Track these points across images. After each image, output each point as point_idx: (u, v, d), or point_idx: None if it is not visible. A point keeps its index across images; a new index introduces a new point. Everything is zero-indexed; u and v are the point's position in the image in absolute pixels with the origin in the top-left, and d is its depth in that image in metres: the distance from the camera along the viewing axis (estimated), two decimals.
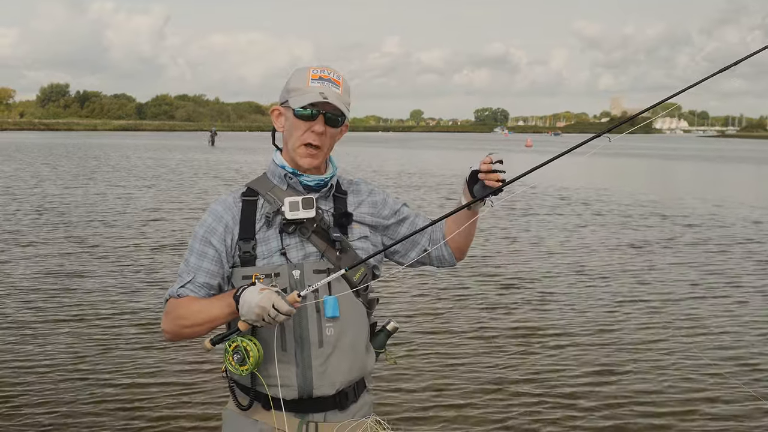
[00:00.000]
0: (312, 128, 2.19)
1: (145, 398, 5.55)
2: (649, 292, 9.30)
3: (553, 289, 9.40)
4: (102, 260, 10.58)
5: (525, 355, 6.71)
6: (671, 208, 18.89)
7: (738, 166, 46.09)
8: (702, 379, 6.15)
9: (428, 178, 28.56)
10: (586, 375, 6.20)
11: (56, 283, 9.08)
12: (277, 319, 1.99)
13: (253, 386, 2.22)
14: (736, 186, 30.15)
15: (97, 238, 12.58)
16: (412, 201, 18.94)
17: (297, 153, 2.23)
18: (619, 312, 8.24)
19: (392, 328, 2.42)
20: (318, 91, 2.16)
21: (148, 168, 31.46)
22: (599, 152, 2.32)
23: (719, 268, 10.91)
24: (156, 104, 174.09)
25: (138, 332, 7.13)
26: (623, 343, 7.08)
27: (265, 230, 2.22)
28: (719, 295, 9.20)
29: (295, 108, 2.19)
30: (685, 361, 6.59)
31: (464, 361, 6.52)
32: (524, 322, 7.81)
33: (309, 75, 2.20)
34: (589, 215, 17.23)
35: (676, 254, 12.11)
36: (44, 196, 19.11)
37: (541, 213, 17.22)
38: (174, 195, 20.20)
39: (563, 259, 11.51)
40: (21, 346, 6.64)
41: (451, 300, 8.72)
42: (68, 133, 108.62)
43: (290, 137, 2.25)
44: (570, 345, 6.99)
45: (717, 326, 7.74)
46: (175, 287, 2.25)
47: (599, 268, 10.72)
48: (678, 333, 7.46)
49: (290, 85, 2.23)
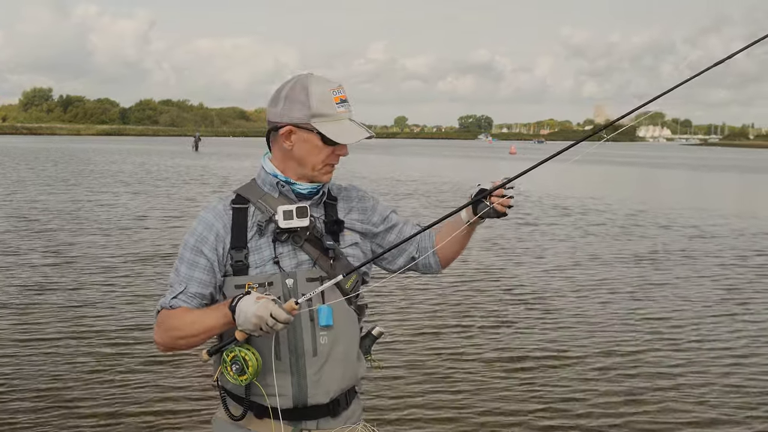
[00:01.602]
0: (338, 152, 2.22)
1: (132, 408, 5.53)
2: (657, 308, 9.17)
3: (544, 295, 9.45)
4: (83, 269, 10.52)
5: (514, 359, 6.74)
6: (670, 218, 18.64)
7: (729, 175, 46.44)
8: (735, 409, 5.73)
9: (420, 185, 28.57)
10: (585, 379, 6.25)
11: (37, 293, 9.03)
12: (275, 328, 1.98)
13: (247, 396, 2.20)
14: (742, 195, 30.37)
15: (76, 246, 12.50)
16: (402, 210, 18.91)
17: (320, 172, 2.23)
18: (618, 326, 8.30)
19: (377, 333, 2.41)
20: (346, 118, 2.19)
21: (133, 173, 31.25)
22: (587, 159, 2.34)
23: (736, 283, 10.51)
24: (139, 109, 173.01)
25: (123, 342, 7.10)
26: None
27: (257, 239, 2.21)
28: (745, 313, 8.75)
29: (331, 138, 2.17)
30: (713, 386, 6.18)
31: (453, 366, 6.53)
32: (515, 326, 7.84)
33: (332, 98, 2.18)
34: (586, 225, 16.87)
35: (692, 267, 11.62)
36: (26, 201, 18.96)
37: (529, 219, 17.21)
38: (162, 202, 20.09)
39: (552, 267, 11.58)
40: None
41: (437, 304, 8.74)
42: (51, 137, 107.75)
43: (310, 157, 2.21)
44: (561, 344, 7.05)
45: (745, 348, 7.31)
46: (167, 298, 2.22)
47: (587, 278, 10.79)
48: (703, 355, 7.03)
49: (314, 108, 2.16)
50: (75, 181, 26.19)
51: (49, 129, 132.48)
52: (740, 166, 60.91)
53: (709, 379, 6.35)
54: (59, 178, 27.36)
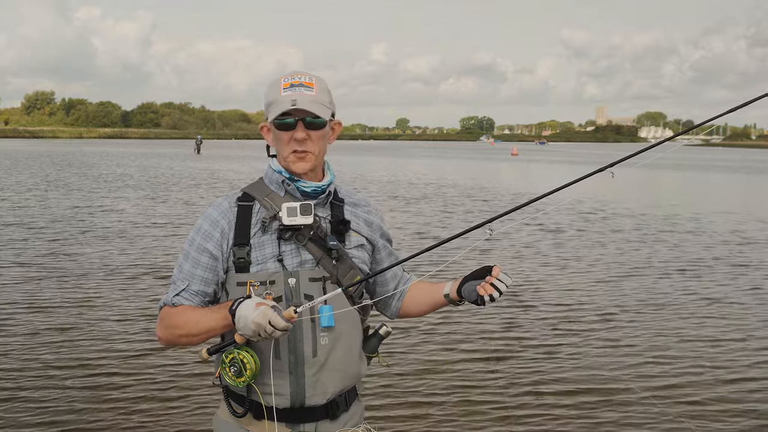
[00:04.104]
0: (294, 136, 2.19)
1: (133, 406, 5.52)
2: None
3: (559, 297, 9.44)
4: (88, 270, 10.55)
5: (519, 364, 6.73)
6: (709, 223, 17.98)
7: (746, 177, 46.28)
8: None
9: (426, 188, 28.55)
10: (588, 378, 6.25)
11: (46, 282, 9.05)
12: (274, 335, 1.99)
13: (247, 395, 2.21)
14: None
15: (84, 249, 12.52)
16: (414, 215, 18.93)
17: (288, 161, 2.23)
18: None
19: (384, 332, 2.41)
20: (289, 100, 2.16)
21: (140, 177, 31.28)
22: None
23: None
24: (141, 112, 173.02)
25: (125, 338, 7.11)
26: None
27: (260, 235, 2.21)
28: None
29: (272, 121, 2.21)
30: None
31: (458, 368, 6.52)
32: (518, 328, 7.83)
33: (281, 85, 2.19)
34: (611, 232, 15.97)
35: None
36: (27, 207, 18.98)
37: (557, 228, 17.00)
38: (176, 205, 20.10)
39: (562, 270, 11.57)
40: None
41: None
42: (53, 140, 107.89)
43: (278, 147, 2.26)
44: (564, 345, 7.04)
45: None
46: (170, 295, 2.24)
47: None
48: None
49: (267, 100, 2.23)
50: (96, 186, 26.18)
51: (52, 132, 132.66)
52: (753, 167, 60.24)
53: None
54: (67, 183, 27.33)
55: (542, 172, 44.79)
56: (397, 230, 14.87)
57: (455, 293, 2.28)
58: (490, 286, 2.17)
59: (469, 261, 9.73)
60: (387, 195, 23.91)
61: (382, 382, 6.04)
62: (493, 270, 2.19)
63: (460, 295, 2.26)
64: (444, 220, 17.29)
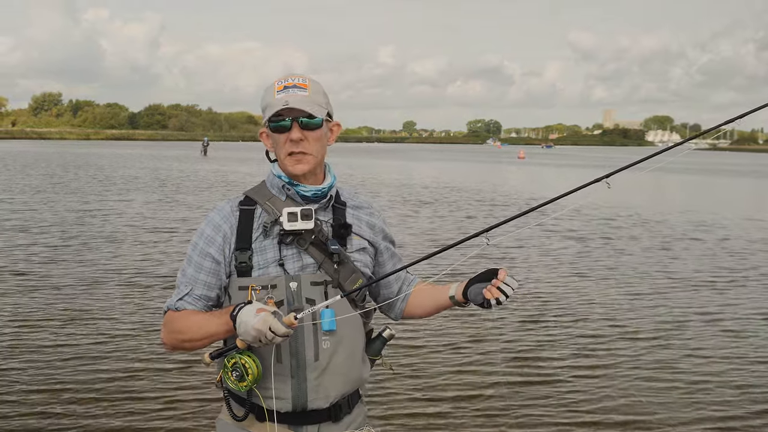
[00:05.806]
0: (290, 137, 2.19)
1: (136, 408, 5.52)
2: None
3: (558, 301, 9.42)
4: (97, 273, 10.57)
5: (523, 366, 6.71)
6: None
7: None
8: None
9: (437, 191, 28.55)
10: (595, 376, 6.22)
11: (50, 288, 9.07)
12: (274, 341, 1.99)
13: (249, 398, 2.21)
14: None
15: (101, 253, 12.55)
16: (426, 218, 18.90)
17: (286, 163, 2.22)
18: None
19: (388, 335, 2.40)
20: (282, 101, 2.16)
21: (148, 179, 31.37)
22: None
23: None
24: (149, 114, 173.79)
25: (127, 341, 7.12)
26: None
27: (262, 240, 2.21)
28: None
29: (268, 123, 2.21)
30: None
31: (462, 371, 6.50)
32: (525, 331, 7.80)
33: (275, 88, 2.20)
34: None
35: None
36: (31, 210, 19.03)
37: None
38: (186, 208, 20.15)
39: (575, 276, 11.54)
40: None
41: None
42: (60, 142, 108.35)
43: (276, 151, 2.26)
44: (572, 350, 7.02)
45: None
46: (174, 299, 2.25)
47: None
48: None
49: (262, 104, 2.23)
50: (116, 189, 26.26)
51: (59, 134, 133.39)
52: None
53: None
54: (75, 187, 27.39)
55: (551, 175, 44.68)
56: (410, 235, 14.92)
57: (461, 295, 2.28)
58: (496, 289, 2.17)
59: (470, 267, 9.68)
60: (401, 198, 23.92)
61: (384, 383, 6.03)
62: (500, 273, 2.19)
63: (465, 298, 2.27)
64: (459, 221, 17.33)
